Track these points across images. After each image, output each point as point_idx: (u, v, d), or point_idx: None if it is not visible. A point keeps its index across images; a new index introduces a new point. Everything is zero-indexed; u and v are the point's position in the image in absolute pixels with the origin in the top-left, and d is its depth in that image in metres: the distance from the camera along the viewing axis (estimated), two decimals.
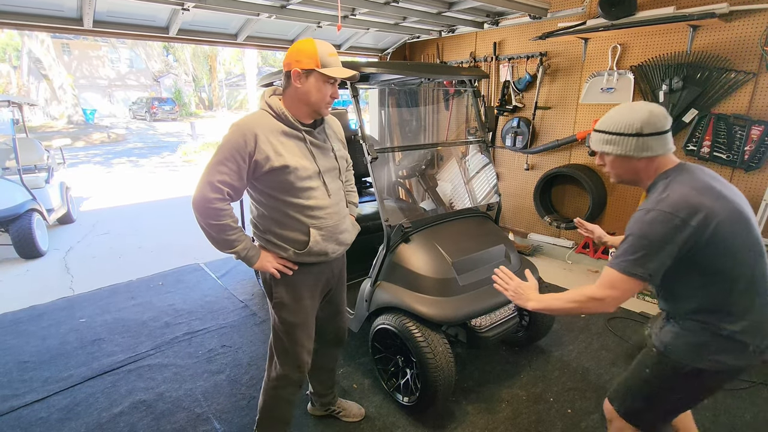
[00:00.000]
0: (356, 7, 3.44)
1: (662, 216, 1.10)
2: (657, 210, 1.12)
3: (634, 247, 1.13)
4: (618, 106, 1.27)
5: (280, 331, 1.65)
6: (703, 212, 1.09)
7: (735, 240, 1.13)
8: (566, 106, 4.00)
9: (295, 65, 1.44)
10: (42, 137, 13.67)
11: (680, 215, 1.09)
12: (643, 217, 1.14)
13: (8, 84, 19.24)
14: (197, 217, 1.46)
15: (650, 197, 1.20)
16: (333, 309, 1.88)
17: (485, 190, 2.90)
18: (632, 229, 1.16)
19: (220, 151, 1.43)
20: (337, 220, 1.63)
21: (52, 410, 2.23)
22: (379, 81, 2.85)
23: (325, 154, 1.60)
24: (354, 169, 3.58)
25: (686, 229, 1.09)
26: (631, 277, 1.14)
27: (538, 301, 1.34)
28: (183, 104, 25.07)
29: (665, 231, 1.10)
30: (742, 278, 1.16)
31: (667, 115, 1.22)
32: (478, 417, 2.11)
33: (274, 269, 1.56)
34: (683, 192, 1.12)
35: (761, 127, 2.88)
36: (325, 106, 1.51)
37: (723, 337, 1.18)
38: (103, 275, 4.05)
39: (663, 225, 1.10)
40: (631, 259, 1.13)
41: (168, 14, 3.38)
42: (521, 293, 1.40)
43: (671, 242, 1.10)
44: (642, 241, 1.12)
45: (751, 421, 2.05)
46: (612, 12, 3.23)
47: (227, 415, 2.17)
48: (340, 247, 1.68)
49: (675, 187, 1.15)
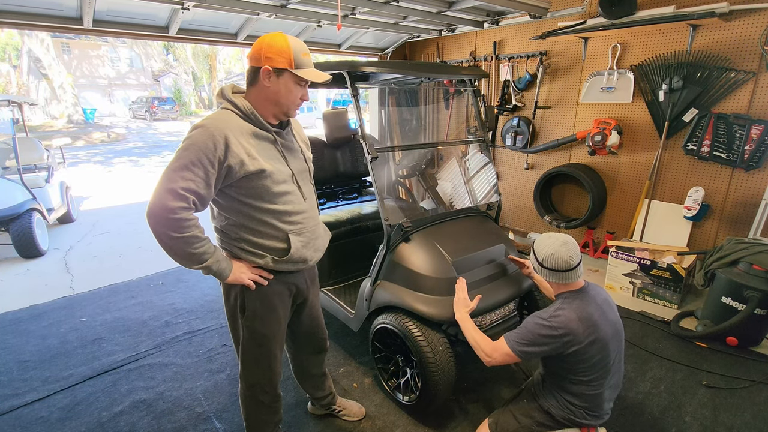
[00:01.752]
0: (356, 7, 3.44)
1: (548, 329, 1.47)
2: (547, 322, 1.48)
3: (523, 337, 1.52)
4: (548, 234, 1.62)
5: (251, 343, 1.56)
6: (571, 336, 1.45)
7: (588, 355, 1.49)
8: (566, 105, 4.00)
9: (265, 62, 1.32)
10: (42, 137, 13.67)
11: (558, 332, 1.45)
12: (539, 322, 1.50)
13: (8, 83, 19.21)
14: (155, 230, 1.26)
15: (549, 308, 1.55)
16: (312, 322, 1.81)
17: (485, 190, 2.90)
18: (528, 325, 1.53)
19: (184, 155, 1.25)
20: (314, 225, 1.57)
21: (53, 409, 2.23)
22: (379, 80, 2.85)
23: (296, 156, 1.52)
24: (354, 169, 3.59)
25: (556, 341, 1.46)
26: (513, 354, 1.52)
27: (460, 319, 1.78)
28: (183, 103, 25.07)
29: (545, 337, 1.48)
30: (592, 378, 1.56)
31: (569, 258, 1.52)
32: (479, 416, 2.11)
33: (249, 281, 1.44)
34: (568, 316, 1.47)
35: (761, 126, 2.88)
36: (294, 108, 1.43)
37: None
38: (103, 274, 4.05)
39: (547, 331, 1.47)
40: (520, 343, 1.52)
41: (168, 13, 3.38)
42: (457, 305, 1.83)
43: (545, 345, 1.48)
44: (529, 335, 1.51)
45: (751, 420, 2.05)
46: (612, 11, 3.23)
47: (227, 414, 2.17)
48: (317, 254, 1.61)
49: (565, 311, 1.49)
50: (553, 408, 1.60)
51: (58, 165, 6.10)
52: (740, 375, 2.37)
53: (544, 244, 1.59)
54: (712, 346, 2.64)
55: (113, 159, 12.89)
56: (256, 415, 1.73)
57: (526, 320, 1.57)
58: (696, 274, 2.99)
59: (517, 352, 1.52)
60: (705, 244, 3.36)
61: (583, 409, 1.56)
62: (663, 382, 2.33)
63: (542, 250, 1.59)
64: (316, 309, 1.82)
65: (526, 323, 1.55)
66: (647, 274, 3.18)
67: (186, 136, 1.29)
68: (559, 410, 1.58)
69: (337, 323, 2.71)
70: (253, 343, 1.56)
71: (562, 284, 1.57)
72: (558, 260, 1.53)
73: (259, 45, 1.34)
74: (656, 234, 3.56)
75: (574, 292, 1.57)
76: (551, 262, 1.55)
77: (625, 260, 3.27)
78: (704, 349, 2.63)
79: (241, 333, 1.56)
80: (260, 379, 1.64)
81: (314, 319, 1.82)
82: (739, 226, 3.16)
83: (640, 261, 3.19)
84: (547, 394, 1.64)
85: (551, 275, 1.57)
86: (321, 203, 3.26)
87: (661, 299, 3.17)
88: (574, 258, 1.53)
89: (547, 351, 1.49)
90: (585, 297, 1.54)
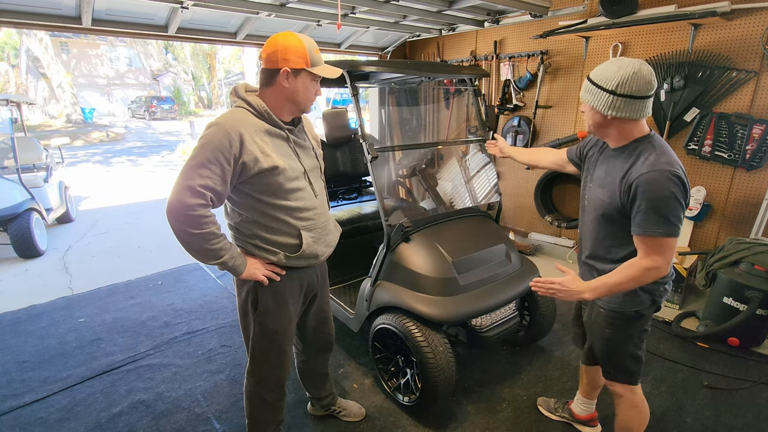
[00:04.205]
0: (356, 6, 3.43)
1: (678, 182, 1.19)
2: (670, 174, 1.19)
3: (659, 214, 1.20)
4: (615, 59, 1.29)
5: (261, 338, 1.58)
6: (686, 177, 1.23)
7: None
8: (567, 104, 3.99)
9: (283, 63, 1.34)
10: (40, 136, 13.64)
11: (680, 174, 1.21)
12: (659, 179, 1.19)
13: (6, 83, 19.17)
14: (174, 226, 1.30)
15: (641, 162, 1.25)
16: (320, 316, 1.83)
17: (486, 190, 2.89)
18: (647, 196, 1.21)
19: (200, 153, 1.28)
20: (324, 221, 1.59)
21: (51, 410, 2.22)
22: (380, 80, 2.83)
23: (308, 153, 1.55)
24: (354, 169, 3.57)
25: (687, 195, 1.22)
26: (673, 237, 1.22)
27: (592, 291, 1.33)
28: (182, 103, 25.03)
29: (682, 194, 1.20)
30: None
31: (651, 80, 1.23)
32: (479, 417, 2.10)
33: (263, 276, 1.47)
34: (673, 156, 1.24)
35: (763, 126, 2.87)
36: (310, 104, 1.47)
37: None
38: (102, 275, 4.04)
39: (678, 189, 1.19)
40: (670, 221, 1.20)
41: (167, 12, 3.36)
42: (570, 289, 1.36)
43: (683, 198, 1.21)
44: (664, 206, 1.20)
45: (752, 421, 2.05)
46: (613, 10, 3.22)
47: (227, 415, 2.16)
48: (328, 249, 1.64)
49: (666, 154, 1.23)
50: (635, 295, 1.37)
51: (57, 165, 6.09)
52: (742, 376, 2.37)
53: (614, 66, 1.24)
54: (713, 347, 2.63)
55: (112, 159, 12.87)
56: (258, 414, 1.74)
57: (640, 194, 1.22)
58: (697, 275, 2.98)
59: (674, 233, 1.20)
60: (706, 244, 3.35)
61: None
62: (664, 383, 2.33)
63: (616, 72, 1.22)
64: (326, 305, 1.84)
65: (639, 203, 1.22)
66: None
67: (201, 134, 1.33)
68: (645, 295, 1.38)
69: (337, 323, 2.69)
70: (263, 338, 1.58)
71: (637, 121, 1.26)
72: (641, 81, 1.20)
73: (274, 47, 1.35)
74: None
75: (648, 136, 1.29)
76: (632, 83, 1.20)
77: None
78: (706, 349, 2.62)
79: (252, 329, 1.58)
80: (268, 375, 1.65)
81: (322, 314, 1.84)
82: (740, 227, 3.15)
83: None
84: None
85: (630, 106, 1.22)
86: None
87: None
88: (655, 78, 1.23)
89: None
90: (663, 142, 1.27)
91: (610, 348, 1.52)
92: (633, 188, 1.25)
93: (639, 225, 1.25)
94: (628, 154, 1.31)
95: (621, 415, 1.61)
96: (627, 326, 1.46)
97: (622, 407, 1.59)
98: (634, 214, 1.26)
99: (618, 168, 1.33)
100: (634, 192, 1.25)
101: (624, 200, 1.29)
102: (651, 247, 1.24)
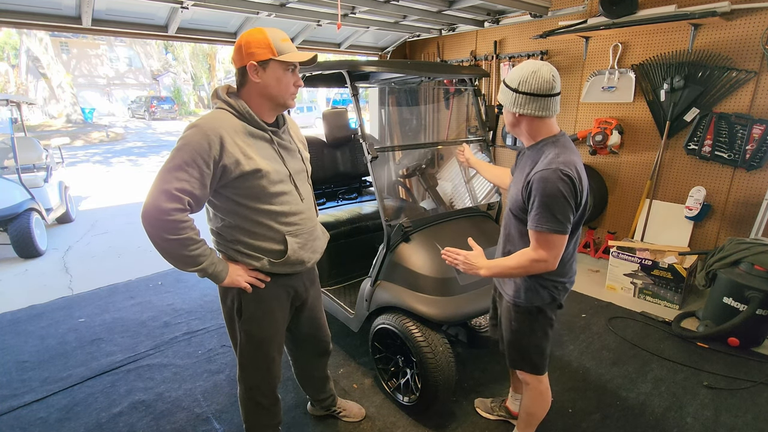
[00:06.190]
0: (356, 6, 3.43)
1: (567, 181, 1.25)
2: (561, 173, 1.24)
3: (550, 211, 1.27)
4: (525, 61, 1.36)
5: (248, 346, 1.53)
6: (581, 185, 1.28)
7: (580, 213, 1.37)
8: (567, 104, 3.99)
9: (248, 59, 1.30)
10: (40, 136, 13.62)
11: (576, 182, 1.26)
12: (549, 176, 1.26)
13: (6, 83, 19.18)
14: (150, 232, 1.24)
15: (541, 160, 1.32)
16: (314, 324, 1.79)
17: (486, 190, 2.89)
18: (541, 193, 1.27)
19: (178, 155, 1.22)
20: (311, 226, 1.54)
21: (51, 410, 2.22)
22: (379, 80, 2.84)
23: (293, 155, 1.49)
24: (354, 169, 3.57)
25: (577, 195, 1.28)
26: (560, 234, 1.29)
27: (488, 269, 1.43)
28: (182, 103, 25.05)
29: (572, 193, 1.26)
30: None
31: (550, 80, 1.28)
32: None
33: (246, 284, 1.41)
34: (571, 160, 1.29)
35: (763, 126, 2.87)
36: (290, 96, 1.39)
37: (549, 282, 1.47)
38: (102, 275, 4.04)
39: (562, 183, 1.25)
40: (557, 218, 1.27)
41: (167, 12, 3.36)
42: (471, 263, 1.46)
43: (571, 206, 1.27)
44: (554, 204, 1.26)
45: (752, 421, 2.05)
46: (613, 10, 3.23)
47: (227, 415, 2.16)
48: (315, 256, 1.58)
49: (565, 154, 1.30)
50: (540, 290, 1.46)
51: (57, 165, 6.08)
52: (742, 376, 2.37)
53: (519, 67, 1.32)
54: (713, 347, 2.63)
55: (112, 159, 12.88)
56: (255, 418, 1.72)
57: (530, 192, 1.31)
58: (697, 275, 2.98)
59: (558, 230, 1.27)
60: (706, 244, 3.35)
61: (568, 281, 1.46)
62: (664, 383, 2.33)
63: (518, 72, 1.31)
64: (317, 311, 1.80)
65: (533, 199, 1.30)
66: (648, 275, 3.18)
67: (180, 136, 1.27)
68: (544, 291, 1.47)
69: (337, 324, 2.70)
70: (250, 346, 1.54)
71: (542, 119, 1.34)
72: (540, 80, 1.27)
73: (239, 45, 1.32)
74: (657, 234, 3.55)
75: (555, 136, 1.36)
76: (531, 82, 1.28)
77: (626, 260, 3.27)
78: (705, 349, 2.62)
79: (238, 336, 1.54)
80: (259, 381, 1.62)
81: (315, 320, 1.80)
82: (740, 227, 3.15)
83: (641, 261, 3.18)
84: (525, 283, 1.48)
85: (530, 103, 1.30)
86: (320, 203, 3.25)
87: (662, 300, 3.16)
88: (557, 81, 1.29)
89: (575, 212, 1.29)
90: (569, 143, 1.35)
91: (516, 339, 1.59)
92: (530, 185, 1.32)
93: (531, 219, 1.33)
94: (536, 152, 1.38)
95: (526, 401, 1.72)
96: (531, 320, 1.53)
97: (528, 394, 1.69)
98: (530, 209, 1.34)
99: (527, 166, 1.40)
100: (530, 188, 1.33)
101: (524, 196, 1.37)
102: (539, 241, 1.32)
